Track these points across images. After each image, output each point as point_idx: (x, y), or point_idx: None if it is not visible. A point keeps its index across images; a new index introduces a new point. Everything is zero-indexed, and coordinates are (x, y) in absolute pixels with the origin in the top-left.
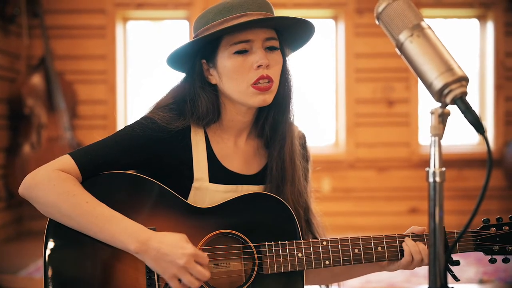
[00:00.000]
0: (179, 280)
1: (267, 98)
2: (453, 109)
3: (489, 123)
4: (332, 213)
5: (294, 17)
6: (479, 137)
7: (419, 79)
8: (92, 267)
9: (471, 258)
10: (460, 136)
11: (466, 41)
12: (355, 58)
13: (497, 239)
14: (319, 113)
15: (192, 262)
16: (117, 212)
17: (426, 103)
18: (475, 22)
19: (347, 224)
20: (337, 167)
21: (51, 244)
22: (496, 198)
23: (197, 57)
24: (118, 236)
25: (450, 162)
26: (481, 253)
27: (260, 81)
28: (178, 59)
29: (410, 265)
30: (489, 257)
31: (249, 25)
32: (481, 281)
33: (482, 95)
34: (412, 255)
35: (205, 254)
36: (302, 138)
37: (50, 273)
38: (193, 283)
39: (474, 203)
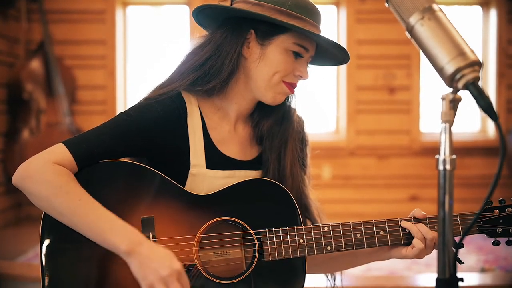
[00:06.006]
0: None
1: (279, 101)
2: (463, 95)
3: None
4: (332, 201)
5: (346, 52)
6: (480, 125)
7: (426, 65)
8: (89, 258)
9: (472, 246)
10: (461, 124)
11: (468, 28)
12: (356, 44)
13: (501, 221)
14: (320, 100)
15: (174, 277)
16: (110, 212)
17: (428, 91)
18: (478, 9)
19: (346, 212)
20: (337, 154)
21: (47, 234)
22: (497, 186)
23: (246, 22)
24: (109, 236)
25: None
26: (482, 241)
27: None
28: (219, 13)
29: (423, 249)
30: (492, 239)
31: (324, 42)
32: (482, 270)
33: (484, 83)
34: (424, 237)
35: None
36: (301, 122)
37: (46, 263)
38: None
39: (476, 191)
